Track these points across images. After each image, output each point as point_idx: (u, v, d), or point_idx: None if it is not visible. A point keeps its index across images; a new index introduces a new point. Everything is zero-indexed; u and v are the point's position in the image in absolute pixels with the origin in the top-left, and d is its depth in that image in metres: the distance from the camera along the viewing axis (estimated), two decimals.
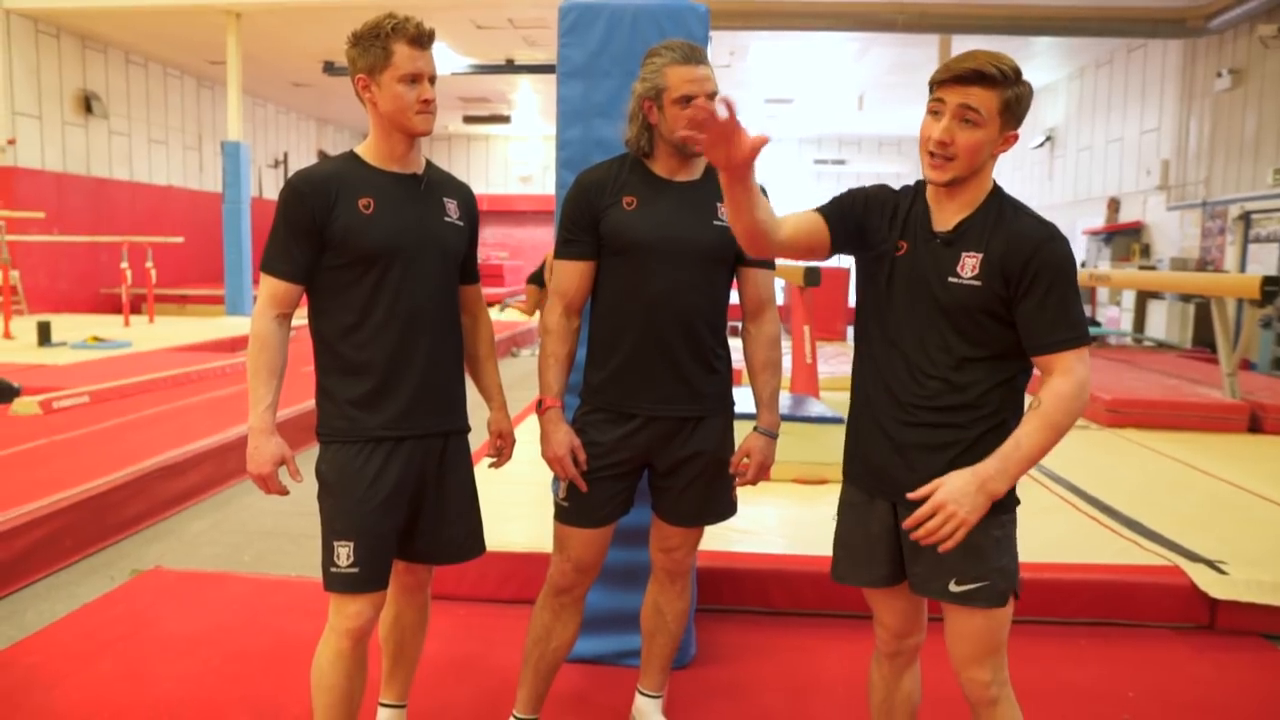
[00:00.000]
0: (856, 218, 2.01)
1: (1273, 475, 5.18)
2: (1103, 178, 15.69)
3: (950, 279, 1.88)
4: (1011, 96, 1.83)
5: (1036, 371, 1.93)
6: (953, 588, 1.92)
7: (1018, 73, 1.83)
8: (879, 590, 2.10)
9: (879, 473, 1.99)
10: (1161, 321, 13.12)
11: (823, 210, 2.02)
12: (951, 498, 1.78)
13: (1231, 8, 11.17)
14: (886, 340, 1.98)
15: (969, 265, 1.87)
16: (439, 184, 2.30)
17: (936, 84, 1.88)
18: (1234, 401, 6.83)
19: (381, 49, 2.10)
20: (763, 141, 1.71)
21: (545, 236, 23.36)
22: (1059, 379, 1.83)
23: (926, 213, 1.96)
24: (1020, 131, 1.91)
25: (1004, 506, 1.93)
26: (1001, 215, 1.89)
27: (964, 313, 1.88)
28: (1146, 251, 14.23)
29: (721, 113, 1.67)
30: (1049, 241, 1.84)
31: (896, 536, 2.02)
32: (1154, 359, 10.10)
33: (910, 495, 1.85)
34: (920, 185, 2.01)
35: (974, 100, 1.81)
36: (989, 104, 1.81)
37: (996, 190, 1.94)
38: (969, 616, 1.94)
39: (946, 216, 1.93)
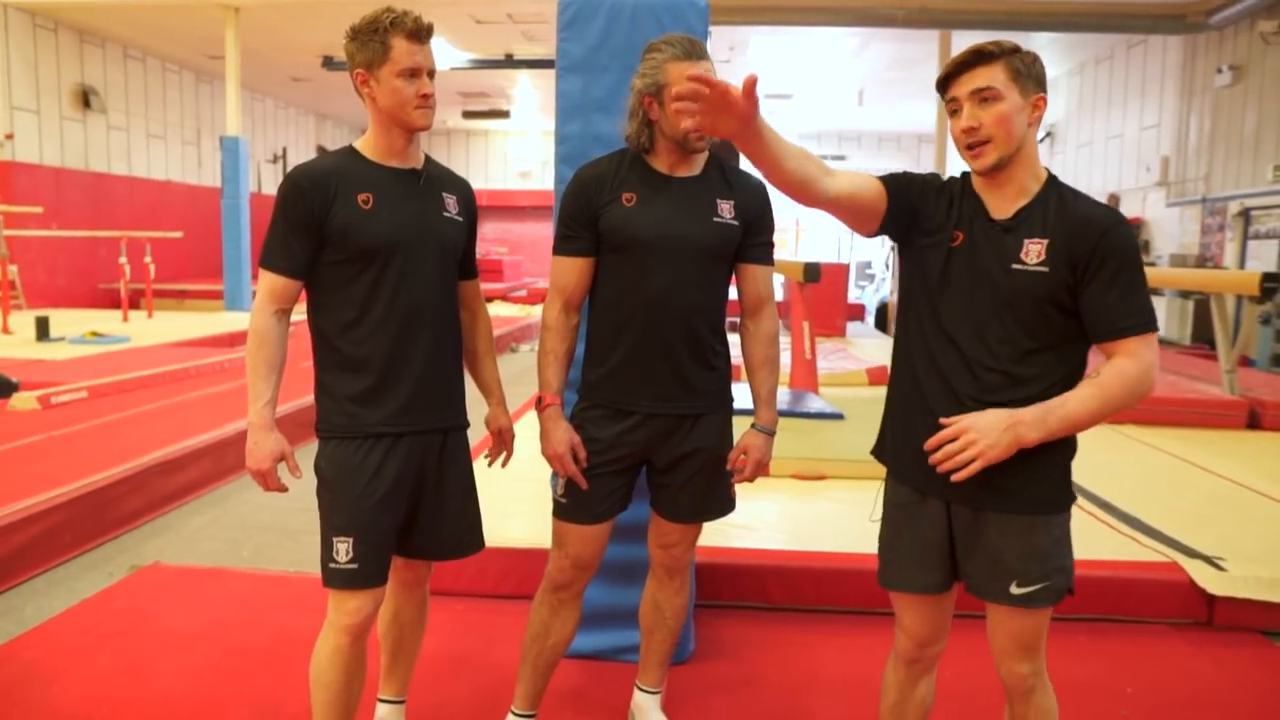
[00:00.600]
0: (911, 200, 1.98)
1: (1271, 472, 5.18)
2: (1102, 174, 15.68)
3: (1014, 265, 1.85)
4: (1018, 63, 1.84)
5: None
6: (1014, 590, 1.90)
7: (1016, 46, 1.85)
8: (916, 596, 2.05)
9: (933, 469, 1.90)
10: (1161, 318, 12.94)
11: (885, 181, 1.98)
12: (978, 426, 1.80)
13: (1232, 4, 11.14)
14: (940, 333, 1.93)
15: (1034, 251, 1.84)
16: (438, 179, 2.29)
17: (944, 84, 1.89)
18: (1233, 398, 6.83)
19: (380, 44, 2.09)
20: (752, 82, 1.67)
21: (545, 232, 23.34)
22: (1124, 359, 1.82)
23: (980, 203, 1.93)
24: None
25: (1064, 505, 1.93)
26: (1063, 201, 1.87)
27: (1029, 300, 1.84)
28: (1146, 248, 14.22)
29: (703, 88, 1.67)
30: (1116, 226, 1.82)
31: (951, 541, 1.99)
32: None
33: (942, 420, 1.85)
34: (966, 177, 1.98)
35: (982, 79, 1.83)
36: (998, 77, 1.82)
37: (1053, 179, 1.91)
38: (1017, 615, 1.93)
39: (1003, 205, 1.90)
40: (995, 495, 1.90)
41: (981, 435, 1.79)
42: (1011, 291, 1.85)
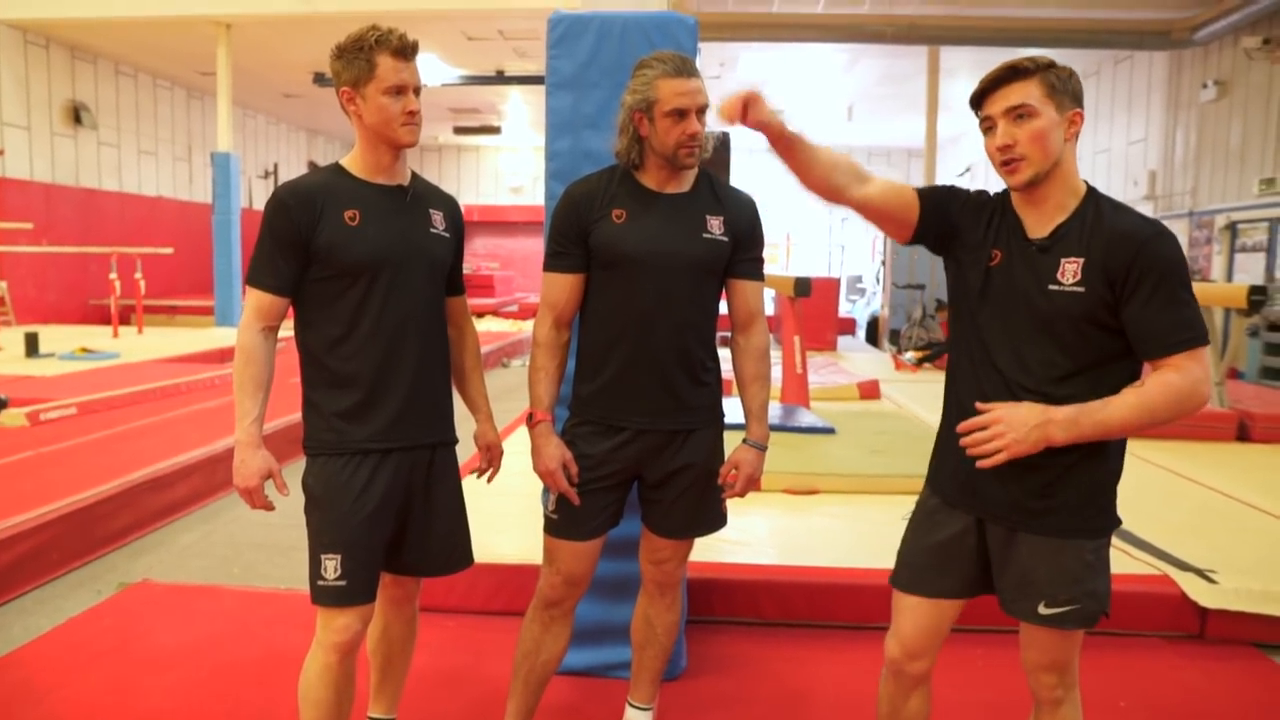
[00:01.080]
0: (953, 216, 1.98)
1: (1261, 484, 5.20)
2: None
3: (1050, 286, 1.82)
4: (1053, 78, 1.82)
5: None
6: (1042, 610, 1.89)
7: (1051, 61, 1.84)
8: (917, 598, 2.04)
9: (966, 485, 1.93)
10: None
11: (920, 193, 2.00)
12: (1008, 418, 1.79)
13: (1216, 20, 11.26)
14: (983, 352, 1.92)
15: (1070, 271, 1.81)
16: (425, 195, 2.29)
17: (978, 101, 1.88)
18: (1222, 410, 6.86)
19: (365, 61, 2.10)
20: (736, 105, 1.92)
21: (536, 247, 23.33)
22: (1170, 372, 1.76)
23: (1018, 222, 1.91)
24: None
25: (1100, 530, 1.91)
26: (1100, 216, 1.83)
27: (1066, 322, 1.82)
28: None
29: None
30: (1154, 239, 1.77)
31: (973, 552, 1.98)
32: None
33: (978, 405, 1.84)
34: (1006, 194, 1.97)
35: (1017, 96, 1.81)
36: (1033, 93, 1.81)
37: (1093, 193, 1.88)
38: (1047, 634, 1.93)
39: (1040, 223, 1.88)
40: (1029, 518, 1.89)
41: (1010, 429, 1.78)
42: (1049, 313, 1.83)
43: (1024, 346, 1.87)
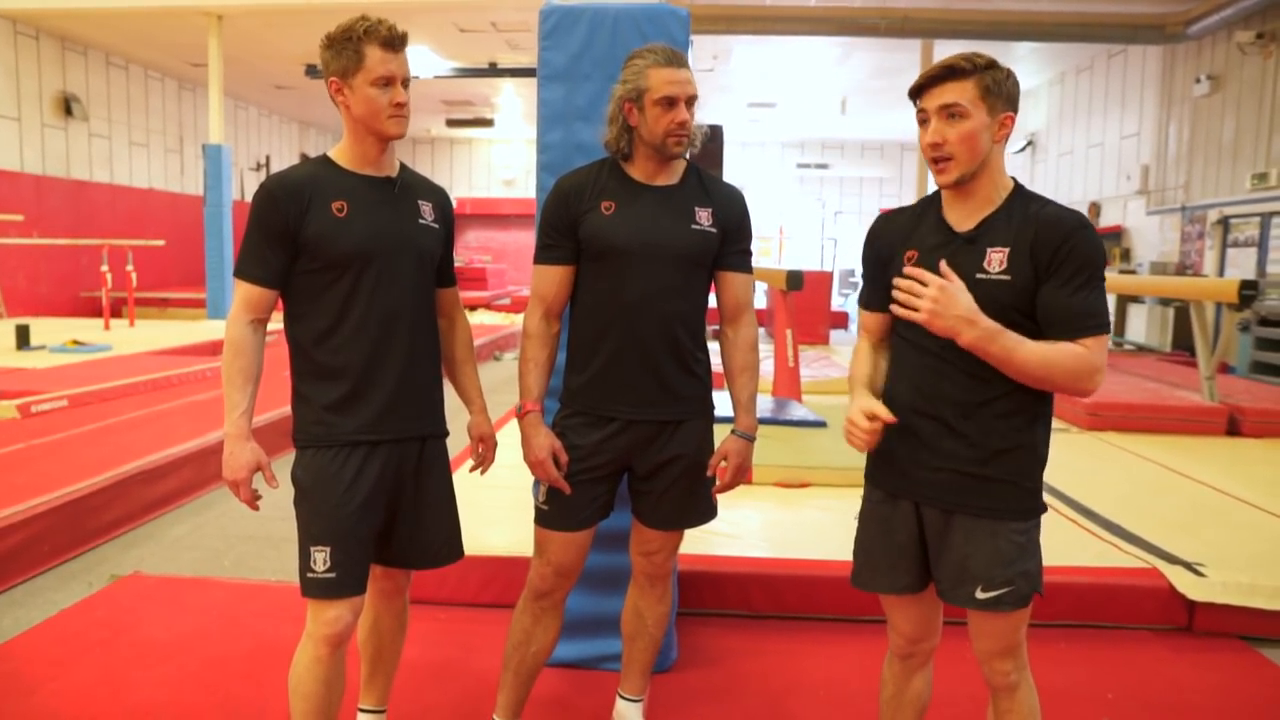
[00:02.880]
0: (885, 268, 2.04)
1: (1250, 478, 5.22)
2: (1083, 182, 15.81)
3: (978, 275, 1.87)
4: (988, 81, 1.86)
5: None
6: (979, 595, 1.94)
7: (991, 61, 1.87)
8: (897, 597, 2.10)
9: (904, 471, 1.99)
10: (1141, 325, 13.23)
11: (868, 304, 2.11)
12: (946, 293, 1.83)
13: (1210, 14, 11.28)
14: (915, 335, 1.96)
15: (996, 260, 1.87)
16: (413, 187, 2.29)
17: (915, 95, 1.92)
18: (1212, 405, 6.88)
19: (354, 52, 2.09)
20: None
21: (528, 240, 23.30)
22: (1080, 348, 1.83)
23: (941, 220, 1.96)
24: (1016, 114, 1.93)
25: (1029, 512, 1.95)
26: (1026, 207, 1.90)
27: (993, 308, 1.85)
28: (1127, 255, 14.35)
29: None
30: (1081, 229, 1.85)
31: (921, 546, 2.03)
32: (1134, 362, 10.17)
33: (913, 261, 1.94)
34: (936, 196, 2.02)
35: (950, 96, 1.85)
36: (966, 94, 1.85)
37: (1019, 188, 1.94)
38: (989, 618, 1.97)
39: (967, 217, 1.93)
40: (962, 498, 1.94)
41: (941, 304, 1.82)
42: (978, 300, 1.86)
43: (949, 342, 1.90)
